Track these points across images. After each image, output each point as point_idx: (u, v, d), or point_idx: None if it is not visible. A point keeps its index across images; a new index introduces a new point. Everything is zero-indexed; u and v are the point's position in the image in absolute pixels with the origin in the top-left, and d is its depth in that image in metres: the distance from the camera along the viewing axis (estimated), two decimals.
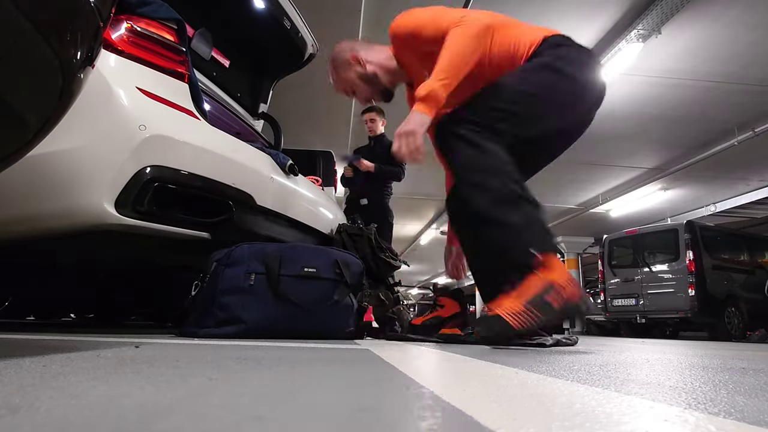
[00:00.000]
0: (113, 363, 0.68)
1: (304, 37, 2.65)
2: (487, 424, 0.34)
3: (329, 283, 1.77)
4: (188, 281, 1.74)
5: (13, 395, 0.40)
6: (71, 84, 0.72)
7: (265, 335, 1.59)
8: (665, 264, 7.55)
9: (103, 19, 0.74)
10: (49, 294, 3.17)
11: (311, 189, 2.43)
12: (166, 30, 1.65)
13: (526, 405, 0.46)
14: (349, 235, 2.50)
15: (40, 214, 1.43)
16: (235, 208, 1.75)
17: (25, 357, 0.71)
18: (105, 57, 1.48)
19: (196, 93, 1.73)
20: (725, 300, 7.17)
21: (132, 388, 0.46)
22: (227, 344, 1.21)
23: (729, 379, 0.75)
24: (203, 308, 1.63)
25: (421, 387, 0.54)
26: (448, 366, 0.88)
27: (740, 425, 0.37)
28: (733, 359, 1.34)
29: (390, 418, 0.37)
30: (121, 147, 1.46)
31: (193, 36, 2.21)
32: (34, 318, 4.24)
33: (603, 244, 8.69)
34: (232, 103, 2.61)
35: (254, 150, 2.00)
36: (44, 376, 0.53)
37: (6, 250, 1.64)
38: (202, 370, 0.64)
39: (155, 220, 1.54)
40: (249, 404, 0.40)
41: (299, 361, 0.84)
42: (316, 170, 3.22)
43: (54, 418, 0.33)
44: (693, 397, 0.52)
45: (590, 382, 0.63)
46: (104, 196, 1.44)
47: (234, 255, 1.66)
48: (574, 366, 0.89)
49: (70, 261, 2.05)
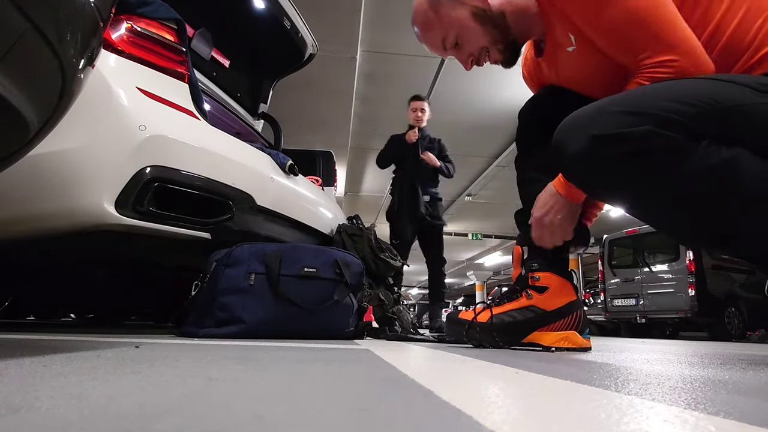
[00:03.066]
0: (113, 363, 0.68)
1: (304, 37, 2.65)
2: (487, 424, 0.34)
3: (329, 283, 1.77)
4: (188, 281, 1.74)
5: (13, 395, 0.40)
6: (71, 84, 0.72)
7: (265, 335, 1.59)
8: (665, 264, 7.55)
9: (103, 19, 0.74)
10: (49, 294, 3.17)
11: (311, 189, 2.43)
12: (166, 30, 1.65)
13: (526, 405, 0.46)
14: (348, 235, 2.50)
15: (41, 214, 1.43)
16: (235, 208, 1.76)
17: (25, 357, 0.71)
18: (105, 57, 1.48)
19: (196, 93, 1.73)
20: (725, 300, 7.17)
21: (132, 388, 0.46)
22: (227, 344, 1.21)
23: (729, 379, 0.75)
24: (203, 308, 1.63)
25: (421, 387, 0.54)
26: (448, 366, 0.88)
27: (740, 425, 0.37)
28: (733, 359, 1.34)
29: (390, 418, 0.37)
30: (121, 147, 1.46)
31: (193, 36, 2.21)
32: (34, 318, 4.24)
33: (603, 244, 8.70)
34: (232, 103, 2.61)
35: (254, 150, 2.00)
36: (44, 376, 0.53)
37: (6, 250, 1.64)
38: (202, 370, 0.64)
39: (155, 220, 1.54)
40: (249, 404, 0.40)
41: (299, 361, 0.84)
42: (316, 170, 3.22)
43: (54, 418, 0.33)
44: (693, 397, 0.52)
45: (590, 382, 0.63)
46: (104, 196, 1.44)
47: (234, 255, 1.66)
48: (574, 366, 0.89)
49: (70, 261, 2.05)
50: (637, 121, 0.85)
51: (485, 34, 1.22)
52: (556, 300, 1.36)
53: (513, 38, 1.23)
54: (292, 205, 2.12)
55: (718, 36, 0.98)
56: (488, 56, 1.26)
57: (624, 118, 0.87)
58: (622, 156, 0.86)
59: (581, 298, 1.48)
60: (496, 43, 1.23)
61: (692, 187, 0.86)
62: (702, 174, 0.84)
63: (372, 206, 10.87)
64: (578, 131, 0.92)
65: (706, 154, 0.84)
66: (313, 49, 2.77)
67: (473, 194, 9.78)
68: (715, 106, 0.85)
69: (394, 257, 2.62)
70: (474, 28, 1.22)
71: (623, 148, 0.85)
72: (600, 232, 9.76)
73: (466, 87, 5.65)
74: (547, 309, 1.36)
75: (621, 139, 0.85)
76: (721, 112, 0.86)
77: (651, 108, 0.86)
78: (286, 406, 0.41)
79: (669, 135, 0.83)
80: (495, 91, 5.73)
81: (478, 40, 1.23)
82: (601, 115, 0.90)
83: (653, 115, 0.84)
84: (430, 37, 1.28)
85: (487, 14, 1.20)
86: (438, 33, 1.26)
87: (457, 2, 1.21)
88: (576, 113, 0.95)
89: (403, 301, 2.61)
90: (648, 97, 0.89)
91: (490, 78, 5.31)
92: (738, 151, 0.84)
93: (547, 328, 1.36)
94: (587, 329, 1.42)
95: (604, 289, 8.52)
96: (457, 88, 5.65)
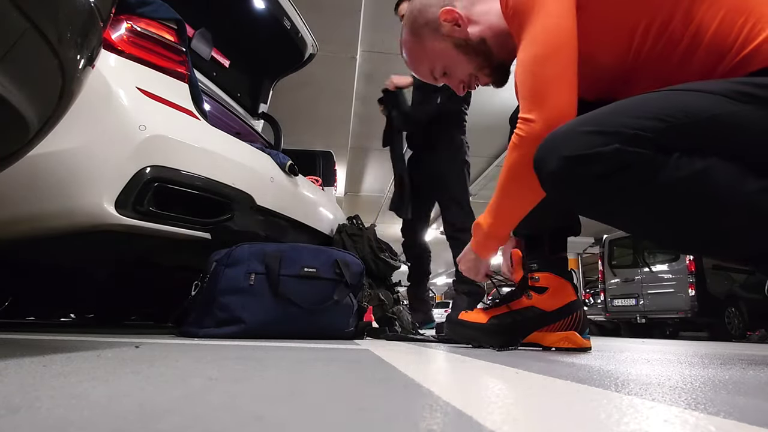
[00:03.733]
0: (113, 363, 0.68)
1: (304, 37, 2.65)
2: (487, 425, 0.34)
3: (329, 283, 1.77)
4: (188, 281, 1.74)
5: (13, 395, 0.40)
6: (71, 84, 0.72)
7: (265, 335, 1.59)
8: (665, 264, 7.55)
9: (103, 19, 0.74)
10: (49, 294, 3.17)
11: (311, 189, 2.43)
12: (166, 30, 1.65)
13: (526, 405, 0.46)
14: (348, 235, 2.50)
15: (41, 214, 1.43)
16: (235, 209, 1.76)
17: (25, 357, 0.71)
18: (105, 57, 1.48)
19: (196, 93, 1.73)
20: (725, 300, 7.17)
21: (132, 388, 0.46)
22: (227, 344, 1.21)
23: (729, 379, 0.75)
24: (203, 308, 1.63)
25: (421, 387, 0.54)
26: (448, 366, 0.88)
27: (740, 425, 0.37)
28: (733, 359, 1.34)
29: (390, 418, 0.37)
30: (121, 147, 1.47)
31: (193, 36, 2.21)
32: (34, 318, 4.24)
33: (603, 244, 8.70)
34: (232, 103, 2.61)
35: (254, 150, 2.00)
36: (44, 376, 0.53)
37: (6, 250, 1.64)
38: (202, 370, 0.64)
39: (155, 220, 1.54)
40: (249, 404, 0.40)
41: (299, 361, 0.84)
42: (316, 170, 3.22)
43: (54, 418, 0.33)
44: (693, 397, 0.52)
45: (590, 382, 0.63)
46: (104, 196, 1.44)
47: (234, 255, 1.66)
48: (574, 366, 0.89)
49: (70, 261, 2.05)
50: (604, 141, 0.86)
51: (470, 62, 1.23)
52: (556, 300, 1.36)
53: (499, 61, 1.23)
54: (292, 205, 2.12)
55: (700, 36, 0.97)
56: (477, 81, 1.28)
57: (592, 138, 0.88)
58: (594, 175, 0.87)
59: (581, 299, 1.49)
60: (482, 68, 1.24)
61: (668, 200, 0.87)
62: (676, 186, 0.85)
63: (372, 206, 10.86)
64: (552, 152, 0.93)
65: (678, 166, 0.84)
66: (313, 49, 2.77)
67: (473, 194, 9.72)
68: (684, 120, 0.85)
69: (394, 257, 2.62)
70: (458, 58, 1.22)
71: (594, 167, 0.87)
72: (600, 232, 9.76)
73: None
74: (547, 309, 1.36)
75: (590, 159, 0.87)
76: (691, 125, 0.86)
77: (617, 126, 0.86)
78: (287, 406, 0.41)
79: (638, 151, 0.84)
80: (495, 91, 5.68)
81: (465, 68, 1.24)
82: (570, 136, 0.92)
83: (620, 133, 0.85)
84: (419, 68, 1.30)
85: (468, 44, 1.20)
86: (425, 64, 1.28)
87: (437, 36, 1.21)
88: (551, 134, 0.96)
89: (403, 301, 2.61)
90: (615, 115, 0.90)
91: None
92: (711, 161, 0.85)
93: (547, 328, 1.36)
94: (587, 329, 1.42)
95: (604, 289, 8.53)
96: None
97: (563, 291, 1.37)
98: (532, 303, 1.37)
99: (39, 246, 1.61)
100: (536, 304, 1.37)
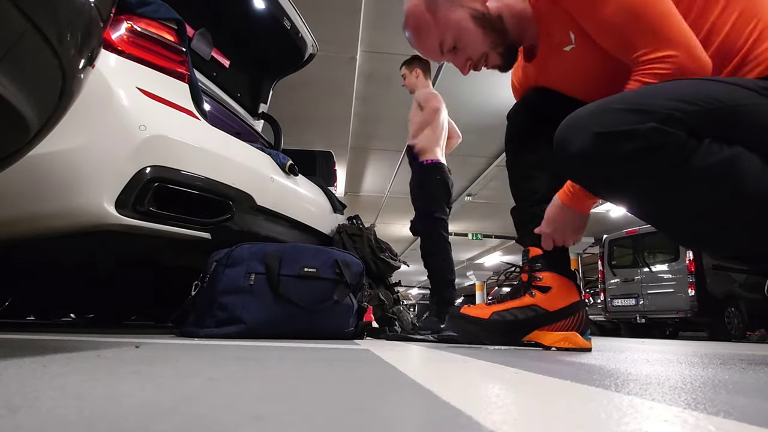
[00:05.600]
0: (113, 363, 0.68)
1: (304, 37, 2.65)
2: (487, 425, 0.34)
3: (329, 283, 1.77)
4: (188, 281, 1.74)
5: (13, 395, 0.40)
6: (71, 84, 0.72)
7: (266, 335, 1.59)
8: (665, 264, 7.55)
9: (103, 19, 0.74)
10: (49, 294, 3.18)
11: (311, 189, 2.43)
12: (166, 30, 1.65)
13: (526, 405, 0.46)
14: (348, 235, 2.50)
15: (41, 214, 1.43)
16: (235, 208, 1.76)
17: (25, 357, 0.71)
18: (105, 57, 1.48)
19: (196, 93, 1.73)
20: (725, 300, 7.17)
21: (132, 388, 0.46)
22: (227, 344, 1.21)
23: (729, 379, 0.75)
24: (203, 308, 1.63)
25: (421, 387, 0.54)
26: (448, 366, 0.88)
27: (740, 425, 0.37)
28: (733, 359, 1.34)
29: (390, 418, 0.37)
30: (121, 147, 1.47)
31: (193, 36, 2.21)
32: (34, 318, 4.24)
33: (603, 244, 8.70)
34: (232, 103, 2.61)
35: (254, 150, 2.00)
36: (44, 376, 0.53)
37: (6, 250, 1.64)
38: (202, 370, 0.64)
39: (155, 220, 1.55)
40: (249, 404, 0.40)
41: (299, 361, 0.84)
42: (316, 170, 3.22)
43: (54, 418, 0.33)
44: (693, 397, 0.52)
45: (590, 382, 0.63)
46: (105, 196, 1.44)
47: (234, 255, 1.66)
48: (573, 366, 0.89)
49: (70, 261, 2.05)
50: (640, 119, 0.85)
51: (485, 38, 1.19)
52: (559, 300, 1.36)
53: (511, 41, 1.21)
54: (292, 205, 2.12)
55: (712, 38, 0.98)
56: (486, 61, 1.24)
57: (627, 115, 0.86)
58: (626, 153, 0.85)
59: (583, 299, 1.49)
60: (496, 46, 1.20)
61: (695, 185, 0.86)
62: (705, 171, 0.84)
63: (372, 206, 10.86)
64: (581, 129, 0.91)
65: (709, 152, 0.83)
66: (313, 49, 2.77)
67: (473, 194, 9.78)
68: (717, 106, 0.85)
69: (394, 257, 2.62)
70: (473, 31, 1.18)
71: (627, 145, 0.85)
72: (600, 232, 9.77)
73: (465, 87, 5.64)
74: (549, 309, 1.36)
75: (625, 136, 0.85)
76: (723, 111, 0.85)
77: (654, 106, 0.85)
78: (287, 406, 0.41)
79: (673, 132, 0.83)
80: (494, 91, 5.73)
81: (478, 44, 1.20)
82: (604, 112, 0.90)
83: (657, 113, 0.84)
84: (426, 40, 1.23)
85: (485, 17, 1.17)
86: (435, 36, 1.21)
87: (454, 4, 1.17)
88: (577, 112, 0.95)
89: (403, 301, 2.61)
90: (650, 96, 0.89)
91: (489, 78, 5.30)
92: (739, 149, 0.84)
93: (549, 327, 1.36)
94: (588, 330, 1.42)
95: (604, 289, 8.53)
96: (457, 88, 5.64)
97: (567, 291, 1.37)
98: (535, 301, 1.37)
99: (39, 246, 1.61)
100: (539, 303, 1.36)
